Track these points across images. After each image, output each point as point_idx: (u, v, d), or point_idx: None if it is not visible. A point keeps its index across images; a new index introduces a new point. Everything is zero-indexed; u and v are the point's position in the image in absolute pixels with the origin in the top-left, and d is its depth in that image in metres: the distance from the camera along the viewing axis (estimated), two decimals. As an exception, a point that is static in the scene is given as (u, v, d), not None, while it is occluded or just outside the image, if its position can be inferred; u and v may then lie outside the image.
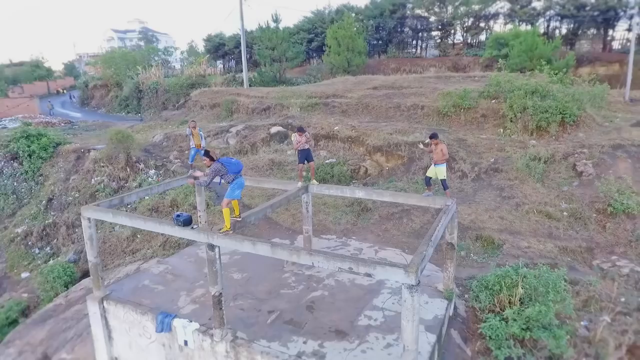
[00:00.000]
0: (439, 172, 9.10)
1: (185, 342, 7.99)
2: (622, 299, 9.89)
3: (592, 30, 34.97)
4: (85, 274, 15.53)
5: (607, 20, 33.43)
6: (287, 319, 8.17)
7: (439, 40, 41.27)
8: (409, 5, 41.16)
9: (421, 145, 11.38)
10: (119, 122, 33.05)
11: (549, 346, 8.51)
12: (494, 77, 19.98)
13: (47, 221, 19.21)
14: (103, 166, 20.47)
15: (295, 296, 9.02)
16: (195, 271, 10.38)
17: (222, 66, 61.13)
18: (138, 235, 15.75)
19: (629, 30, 34.09)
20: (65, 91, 66.47)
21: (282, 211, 14.76)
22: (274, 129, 20.45)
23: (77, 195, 19.56)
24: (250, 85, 33.15)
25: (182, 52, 68.81)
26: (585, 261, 11.31)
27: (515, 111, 17.38)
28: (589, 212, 12.71)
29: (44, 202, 20.07)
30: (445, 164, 9.23)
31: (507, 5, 36.77)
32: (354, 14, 41.54)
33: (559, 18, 35.54)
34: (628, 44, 33.94)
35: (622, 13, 32.42)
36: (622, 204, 12.19)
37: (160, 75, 44.98)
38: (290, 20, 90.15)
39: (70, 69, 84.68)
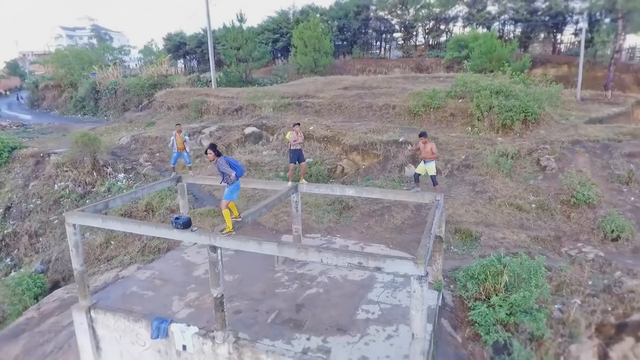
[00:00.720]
0: (428, 168, 9.50)
1: (184, 347, 7.86)
2: (590, 282, 10.76)
3: (543, 34, 37.31)
4: (56, 285, 14.76)
5: (556, 24, 35.82)
6: (287, 317, 8.24)
7: (402, 42, 42.43)
8: (373, 7, 42.01)
9: (409, 147, 11.83)
10: (76, 125, 31.42)
11: (530, 328, 9.15)
12: (461, 77, 20.91)
13: (5, 231, 18.01)
14: (67, 171, 19.47)
15: (291, 295, 9.09)
16: (184, 275, 10.19)
17: (183, 66, 59.54)
18: (112, 242, 15.16)
19: (575, 34, 36.72)
20: (8, 92, 62.10)
21: (265, 212, 14.72)
22: (248, 130, 20.30)
23: (39, 202, 18.48)
24: (218, 86, 32.60)
25: (139, 51, 66.28)
26: (555, 249, 12.17)
27: (482, 110, 18.30)
28: (554, 204, 13.67)
29: (1, 210, 18.79)
30: (434, 161, 9.64)
31: (465, 9, 38.43)
32: (318, 15, 41.79)
33: (513, 22, 37.61)
34: (573, 47, 36.56)
35: (569, 18, 34.86)
36: (583, 195, 13.21)
37: (118, 75, 43.20)
38: (254, 20, 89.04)
39: (14, 68, 79.13)
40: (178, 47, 56.89)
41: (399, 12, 40.80)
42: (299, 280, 9.72)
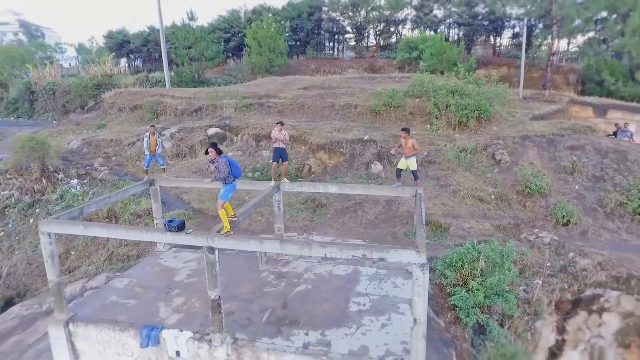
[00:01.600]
0: (410, 164, 9.96)
1: (178, 353, 7.67)
2: (548, 264, 11.81)
3: (484, 37, 39.92)
4: (9, 303, 13.63)
5: (496, 29, 38.48)
6: (281, 315, 8.30)
7: (354, 43, 43.40)
8: (325, 9, 42.59)
9: (393, 151, 12.36)
10: (12, 129, 28.88)
11: (503, 309, 9.91)
12: (418, 78, 21.90)
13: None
14: (10, 178, 17.97)
15: (281, 293, 9.15)
16: (166, 281, 9.87)
17: (127, 65, 56.55)
18: (72, 252, 14.25)
19: (513, 38, 39.65)
20: None
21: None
22: (211, 131, 19.87)
23: (-21, 214, 16.87)
24: (171, 86, 31.40)
25: (75, 49, 61.91)
26: (515, 236, 13.20)
27: (440, 109, 19.33)
28: (511, 194, 14.81)
29: None
30: (414, 156, 10.11)
31: (414, 13, 40.14)
32: (271, 15, 41.64)
33: (457, 25, 39.86)
34: (512, 50, 39.51)
35: (507, 23, 37.59)
36: (536, 185, 14.44)
37: (57, 75, 40.22)
38: (205, 18, 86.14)
39: None
40: (121, 45, 53.95)
41: (350, 14, 41.69)
42: (285, 279, 9.79)
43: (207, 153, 7.32)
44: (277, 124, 10.11)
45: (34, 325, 10.96)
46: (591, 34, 32.51)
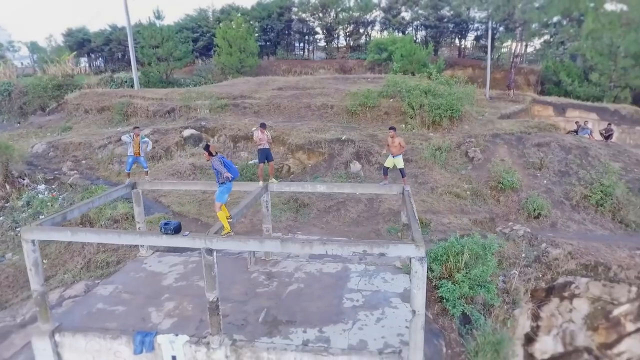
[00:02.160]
0: (397, 162, 10.22)
1: (174, 358, 7.56)
2: (523, 255, 12.45)
3: (450, 39, 41.30)
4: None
5: (461, 31, 39.89)
6: (277, 314, 8.33)
7: (324, 44, 43.70)
8: (295, 9, 42.65)
9: (385, 151, 12.64)
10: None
11: (485, 299, 10.38)
12: (391, 78, 22.40)
13: None
14: (-30, 185, 16.88)
15: (274, 293, 9.18)
16: (153, 285, 9.66)
17: (87, 65, 54.22)
18: (45, 261, 13.58)
19: (476, 40, 41.24)
20: None
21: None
22: (186, 132, 19.48)
23: None
24: (133, 86, 30.40)
25: (28, 48, 58.60)
26: (491, 229, 13.81)
27: (414, 108, 19.88)
28: (485, 190, 15.48)
29: None
30: (401, 154, 10.38)
31: (382, 14, 40.92)
32: (239, 15, 41.22)
33: (424, 27, 40.99)
34: (476, 51, 41.10)
35: (471, 26, 39.08)
36: (508, 181, 15.17)
37: (12, 75, 38.02)
38: (172, 17, 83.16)
39: None
40: (81, 44, 51.71)
41: (320, 14, 41.95)
42: (276, 278, 9.82)
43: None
44: (259, 125, 10.10)
45: (8, 339, 10.39)
46: (549, 37, 34.37)
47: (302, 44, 45.33)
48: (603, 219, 14.19)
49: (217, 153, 7.36)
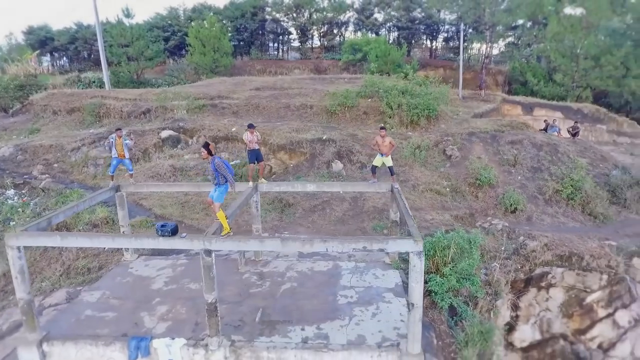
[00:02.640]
0: (386, 161, 10.44)
1: (170, 362, 7.45)
2: (503, 248, 12.98)
3: (422, 41, 42.29)
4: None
5: (432, 32, 40.90)
6: (273, 313, 8.35)
7: (298, 44, 43.75)
8: (268, 9, 42.47)
9: (373, 145, 12.81)
10: None
11: (470, 291, 10.77)
12: (369, 79, 22.74)
13: None
14: None
15: (268, 292, 9.19)
16: (143, 290, 9.45)
17: (50, 64, 51.92)
18: (19, 269, 12.98)
19: (445, 42, 42.40)
20: None
21: (203, 217, 14.18)
22: (164, 133, 19.07)
23: None
24: (103, 87, 29.41)
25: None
26: (471, 224, 14.31)
27: (392, 108, 20.27)
28: (464, 187, 16.00)
29: None
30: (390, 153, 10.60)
31: (355, 15, 41.38)
32: (212, 14, 40.65)
33: (396, 29, 41.77)
34: (447, 52, 42.28)
35: (442, 27, 40.16)
36: (485, 177, 15.75)
37: (-32, 75, 35.92)
38: (141, 16, 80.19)
39: None
40: (43, 42, 49.50)
41: (294, 15, 41.96)
42: (269, 278, 9.83)
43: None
44: (247, 127, 10.09)
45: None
46: (516, 39, 35.80)
47: (276, 44, 45.20)
48: (574, 212, 14.99)
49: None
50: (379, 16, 41.06)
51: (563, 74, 30.82)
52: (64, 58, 52.44)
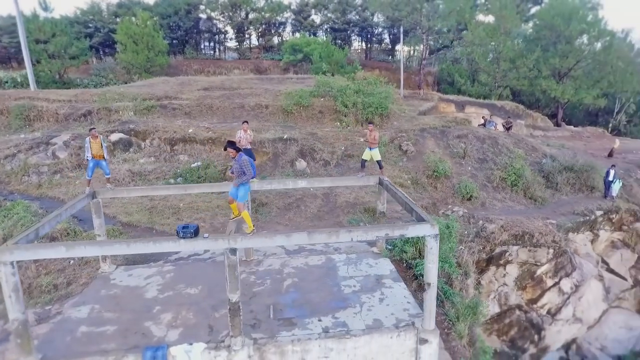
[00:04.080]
0: (374, 154, 10.95)
1: (191, 368, 7.24)
2: (466, 232, 14.28)
3: (358, 42, 43.99)
4: None
5: (367, 34, 42.69)
6: (285, 309, 8.44)
7: (236, 44, 42.98)
8: (202, 7, 41.12)
9: (362, 139, 13.25)
10: None
11: (448, 272, 11.76)
12: (320, 79, 23.27)
13: None
14: None
15: (273, 290, 9.22)
16: (136, 300, 8.93)
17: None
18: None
19: (379, 43, 44.50)
20: None
21: (174, 221, 13.58)
22: (114, 136, 17.81)
23: None
24: (26, 87, 26.43)
25: None
26: (435, 212, 15.48)
27: (348, 107, 21.01)
28: (423, 179, 17.20)
29: None
30: (377, 147, 11.12)
31: (293, 16, 41.75)
32: (142, 10, 38.32)
33: (333, 30, 42.92)
34: (380, 54, 44.40)
35: (375, 30, 42.11)
36: (441, 169, 17.10)
37: None
38: (60, 9, 71.10)
39: None
40: None
41: (230, 14, 41.15)
42: (268, 276, 9.84)
43: (225, 149, 7.10)
44: (242, 124, 10.03)
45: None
46: (449, 42, 38.77)
47: (212, 44, 43.91)
48: (518, 197, 16.91)
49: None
50: (316, 18, 41.93)
51: (487, 74, 34.14)
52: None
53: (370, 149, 10.98)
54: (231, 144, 7.28)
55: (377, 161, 11.26)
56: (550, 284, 14.69)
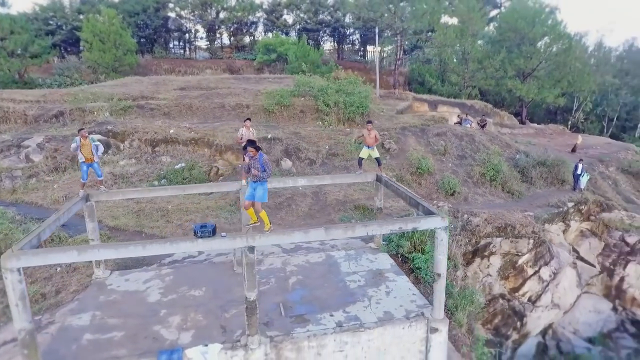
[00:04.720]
0: (372, 153, 11.13)
1: (207, 369, 7.16)
2: (452, 226, 14.77)
3: (330, 42, 44.29)
4: None
5: (339, 35, 43.10)
6: (295, 306, 8.49)
7: (207, 43, 42.19)
8: (171, 5, 40.09)
9: (360, 140, 13.35)
10: None
11: (441, 265, 12.13)
12: (300, 78, 23.33)
13: None
14: None
15: (279, 288, 9.24)
16: (139, 305, 8.69)
17: None
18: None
19: (351, 44, 45.05)
20: None
21: (164, 224, 13.25)
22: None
23: None
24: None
25: None
26: (421, 208, 15.92)
27: (329, 106, 21.19)
28: (407, 176, 17.64)
29: None
30: (375, 146, 11.32)
31: (265, 16, 41.49)
32: (107, 7, 36.87)
33: (305, 31, 43.02)
34: (353, 54, 44.95)
35: (347, 31, 42.60)
36: (424, 166, 17.60)
37: None
38: (18, 5, 66.28)
39: None
40: None
41: (200, 12, 40.36)
42: (272, 275, 9.84)
43: (244, 148, 7.07)
44: (244, 121, 9.97)
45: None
46: (422, 43, 39.77)
47: (182, 43, 42.88)
48: (497, 191, 17.69)
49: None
50: (289, 18, 41.87)
51: (456, 75, 35.35)
52: None
53: (368, 147, 11.17)
54: (251, 143, 7.27)
55: (376, 158, 11.49)
56: (531, 273, 15.49)
